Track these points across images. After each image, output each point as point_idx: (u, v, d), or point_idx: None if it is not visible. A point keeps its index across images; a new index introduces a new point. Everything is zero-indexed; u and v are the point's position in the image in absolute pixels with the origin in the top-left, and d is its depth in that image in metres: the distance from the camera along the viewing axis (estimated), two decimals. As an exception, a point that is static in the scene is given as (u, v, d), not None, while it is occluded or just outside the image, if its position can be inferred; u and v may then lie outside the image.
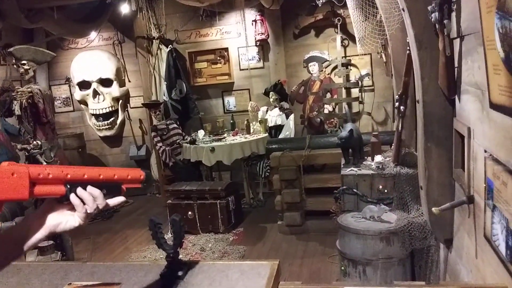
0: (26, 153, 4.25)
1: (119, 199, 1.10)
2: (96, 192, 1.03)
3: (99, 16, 6.84)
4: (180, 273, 1.48)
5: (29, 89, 4.21)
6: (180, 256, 1.53)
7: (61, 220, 1.04)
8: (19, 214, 4.54)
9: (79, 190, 1.01)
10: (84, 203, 1.02)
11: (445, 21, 2.11)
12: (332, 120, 6.54)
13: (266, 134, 6.26)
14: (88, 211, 1.03)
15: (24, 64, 4.31)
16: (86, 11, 6.81)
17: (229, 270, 1.52)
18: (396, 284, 1.40)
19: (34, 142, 4.17)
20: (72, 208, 1.03)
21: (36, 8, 5.34)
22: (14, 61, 4.37)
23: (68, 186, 1.00)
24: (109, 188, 1.07)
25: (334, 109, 6.62)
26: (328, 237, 4.74)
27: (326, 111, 6.55)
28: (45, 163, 4.10)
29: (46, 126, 4.38)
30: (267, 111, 6.63)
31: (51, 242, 4.00)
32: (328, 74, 6.79)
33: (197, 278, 1.48)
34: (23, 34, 7.05)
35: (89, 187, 1.02)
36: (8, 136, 6.29)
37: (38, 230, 1.02)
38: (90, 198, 1.02)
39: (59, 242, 4.23)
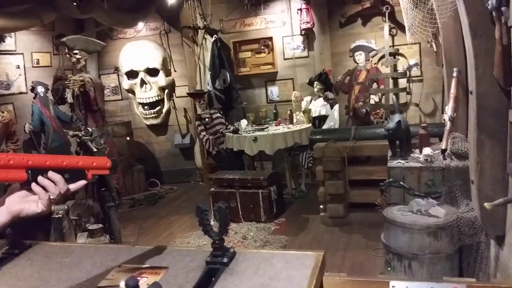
0: (78, 140, 4.41)
1: (81, 182, 1.11)
2: (57, 177, 1.05)
3: (147, 7, 6.97)
4: (225, 260, 1.49)
5: (81, 78, 4.36)
6: (225, 243, 1.55)
7: (24, 206, 1.08)
8: (69, 198, 4.74)
9: (40, 178, 1.03)
10: (46, 190, 1.04)
11: (502, 8, 2.00)
12: (378, 111, 6.39)
13: (310, 125, 6.20)
14: (52, 197, 1.06)
15: (76, 53, 4.46)
16: (134, 2, 6.95)
17: (274, 259, 1.52)
18: (445, 280, 1.35)
19: (85, 129, 4.33)
20: (34, 194, 1.06)
21: (87, -1, 5.50)
22: (66, 50, 4.53)
23: (30, 172, 1.02)
24: (73, 174, 1.08)
25: (380, 99, 6.47)
26: (372, 230, 4.66)
27: (372, 101, 6.41)
28: (95, 150, 4.25)
29: (97, 113, 4.53)
30: (311, 101, 6.57)
31: (100, 225, 4.16)
32: (375, 63, 6.64)
33: (242, 266, 1.49)
34: (74, 24, 7.30)
35: (50, 172, 1.04)
36: (60, 123, 6.59)
37: (3, 216, 1.07)
38: (51, 185, 1.04)
39: (108, 225, 4.39)
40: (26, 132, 6.30)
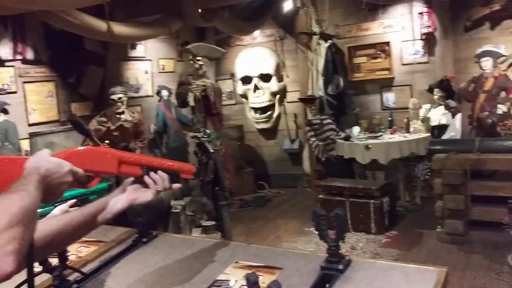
0: (197, 141, 4.67)
1: (177, 185, 1.38)
2: (164, 175, 1.31)
3: (263, 14, 7.18)
4: (340, 267, 1.47)
5: (203, 83, 4.62)
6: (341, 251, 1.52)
7: (138, 195, 1.31)
8: (186, 194, 5.06)
9: (152, 174, 1.29)
10: (155, 183, 1.29)
11: None
12: (506, 122, 5.81)
13: (428, 134, 5.86)
14: (158, 189, 1.30)
15: (198, 60, 4.74)
16: (251, 10, 7.21)
17: (391, 271, 1.46)
18: None
19: (204, 131, 4.57)
20: (145, 186, 1.31)
21: (210, 8, 5.84)
22: (190, 57, 4.84)
23: (144, 169, 1.28)
24: (172, 175, 1.34)
25: (509, 110, 5.88)
26: (495, 251, 4.24)
27: (499, 111, 5.84)
28: (212, 150, 4.47)
29: (215, 117, 4.76)
30: (430, 109, 6.20)
31: (213, 222, 4.36)
32: (504, 70, 6.05)
33: (358, 274, 1.45)
34: (196, 33, 7.77)
35: (159, 172, 1.30)
36: (180, 125, 7.06)
37: (121, 203, 1.30)
38: (160, 180, 1.29)
39: (220, 223, 4.59)
40: (151, 132, 6.84)
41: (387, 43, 6.94)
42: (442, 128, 6.01)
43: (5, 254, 0.70)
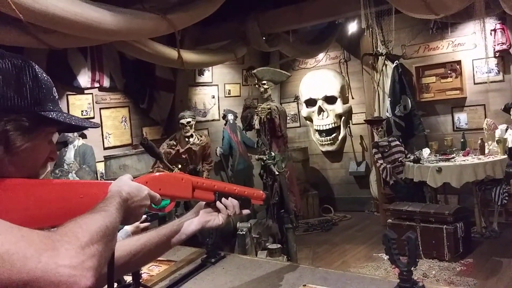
0: (262, 163, 4.72)
1: (246, 211, 1.39)
2: (235, 202, 1.35)
3: (328, 37, 7.20)
4: (413, 294, 1.41)
5: (268, 106, 4.69)
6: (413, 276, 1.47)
7: (210, 218, 1.36)
8: (251, 216, 5.10)
9: (224, 200, 1.33)
10: (226, 208, 1.34)
11: None
12: None
13: (505, 156, 5.50)
14: (229, 214, 1.34)
15: (264, 83, 4.83)
16: (316, 33, 7.26)
17: (470, 301, 1.38)
18: None
19: (269, 154, 4.60)
20: (216, 211, 1.35)
21: (274, 33, 5.96)
22: (256, 81, 4.94)
23: (217, 194, 1.33)
24: (243, 201, 1.38)
25: None
26: None
27: None
28: (277, 173, 4.49)
29: (280, 139, 4.80)
30: (506, 129, 5.84)
31: (279, 245, 4.34)
32: None
33: (433, 303, 1.38)
34: (261, 57, 7.95)
35: (230, 198, 1.34)
36: (245, 147, 7.18)
37: (194, 225, 1.36)
38: (231, 205, 1.34)
39: (285, 246, 4.56)
40: (217, 155, 7.01)
41: (458, 62, 6.67)
42: (521, 149, 5.64)
43: (86, 269, 0.73)
